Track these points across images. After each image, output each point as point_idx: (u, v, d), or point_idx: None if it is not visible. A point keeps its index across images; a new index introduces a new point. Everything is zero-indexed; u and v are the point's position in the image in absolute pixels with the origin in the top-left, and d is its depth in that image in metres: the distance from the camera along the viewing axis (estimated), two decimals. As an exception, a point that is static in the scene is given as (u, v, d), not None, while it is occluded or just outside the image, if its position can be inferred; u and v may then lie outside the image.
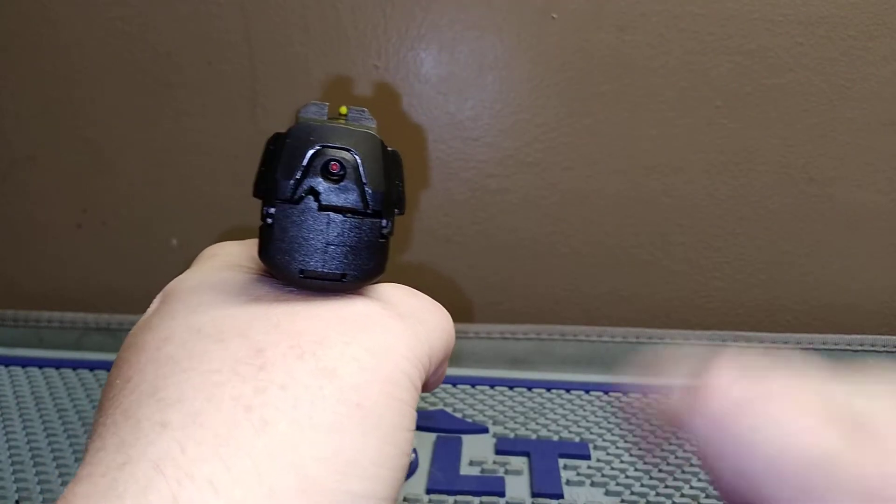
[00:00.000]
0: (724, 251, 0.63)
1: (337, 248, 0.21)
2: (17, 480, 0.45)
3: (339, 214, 0.21)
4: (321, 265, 0.21)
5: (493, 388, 0.55)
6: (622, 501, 0.42)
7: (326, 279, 0.21)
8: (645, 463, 0.45)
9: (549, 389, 0.55)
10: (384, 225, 0.21)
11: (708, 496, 0.42)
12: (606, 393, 0.54)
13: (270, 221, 0.21)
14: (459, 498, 0.43)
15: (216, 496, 0.15)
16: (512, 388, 0.55)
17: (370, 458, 0.18)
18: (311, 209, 0.21)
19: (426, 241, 0.64)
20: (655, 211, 0.62)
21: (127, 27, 0.61)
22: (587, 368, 0.59)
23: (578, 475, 0.45)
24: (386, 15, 0.59)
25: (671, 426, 0.22)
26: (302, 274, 0.21)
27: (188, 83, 0.62)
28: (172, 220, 0.65)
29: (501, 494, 0.43)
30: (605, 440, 0.49)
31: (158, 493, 0.15)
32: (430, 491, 0.43)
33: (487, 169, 0.62)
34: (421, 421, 0.48)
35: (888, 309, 0.63)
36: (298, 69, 0.61)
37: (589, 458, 0.46)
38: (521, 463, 0.46)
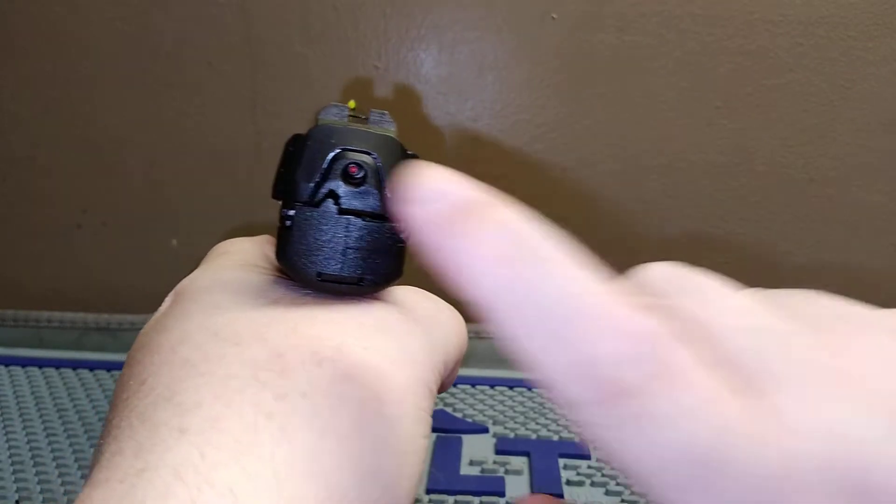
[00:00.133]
0: (724, 251, 0.63)
1: (355, 251, 0.21)
2: (17, 480, 0.45)
3: (358, 218, 0.21)
4: (339, 268, 0.21)
5: (493, 388, 0.55)
6: (622, 501, 0.42)
7: (344, 282, 0.21)
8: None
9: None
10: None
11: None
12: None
13: (289, 224, 0.21)
14: (459, 498, 0.43)
15: None
16: (512, 388, 0.55)
17: (389, 466, 0.18)
18: (330, 212, 0.20)
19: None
20: (655, 211, 0.62)
21: (127, 27, 0.61)
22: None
23: (578, 475, 0.45)
24: (386, 15, 0.59)
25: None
26: (320, 277, 0.21)
27: (188, 83, 0.62)
28: (172, 220, 0.65)
29: (501, 494, 0.43)
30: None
31: (178, 499, 0.15)
32: (430, 491, 0.43)
33: (487, 169, 0.62)
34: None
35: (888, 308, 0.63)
36: (298, 69, 0.61)
37: (589, 458, 0.46)
38: (521, 463, 0.46)
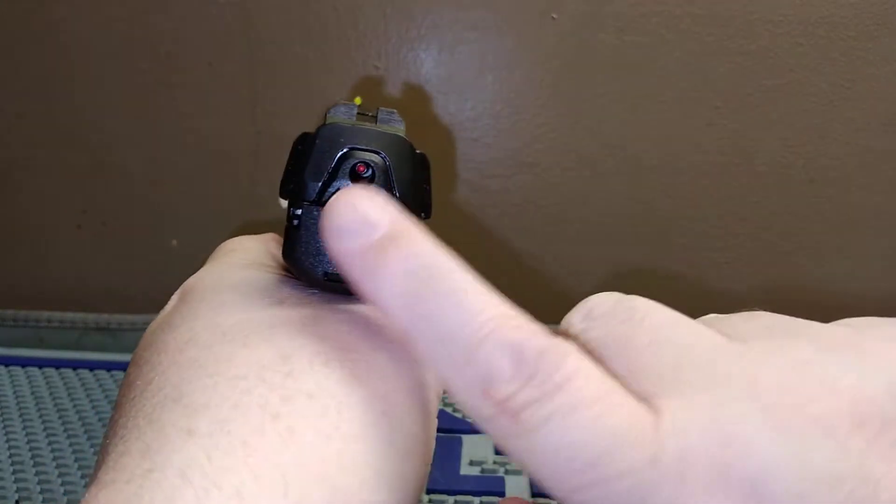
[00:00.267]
0: (724, 251, 0.63)
1: None
2: (17, 480, 0.45)
3: None
4: None
5: (493, 388, 0.55)
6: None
7: None
8: None
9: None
10: None
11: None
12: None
13: (297, 223, 0.20)
14: (459, 498, 0.43)
15: None
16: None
17: (396, 467, 0.17)
18: None
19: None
20: (655, 211, 0.62)
21: (127, 27, 0.61)
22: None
23: (578, 475, 0.45)
24: (386, 16, 0.59)
25: None
26: (326, 276, 0.21)
27: (188, 83, 0.62)
28: (172, 220, 0.65)
29: (501, 494, 0.43)
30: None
31: (185, 501, 0.15)
32: (430, 491, 0.43)
33: (488, 169, 0.62)
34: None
35: (888, 309, 0.63)
36: (298, 69, 0.61)
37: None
38: (521, 463, 0.46)
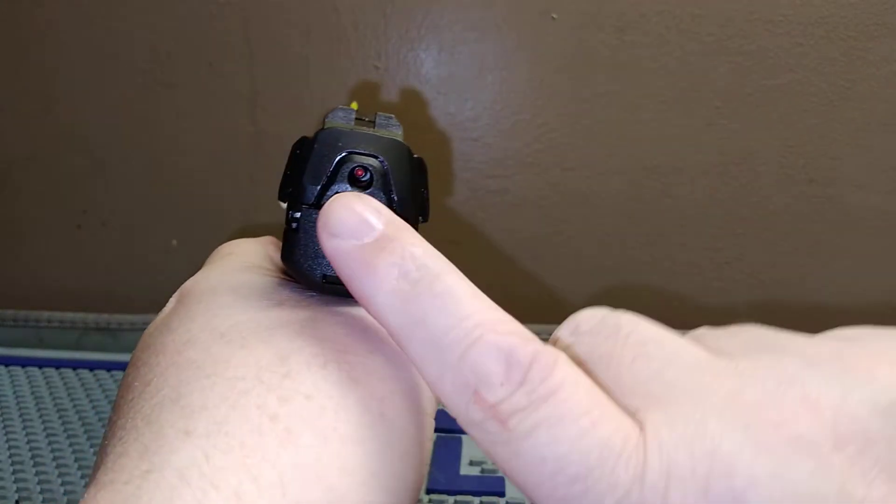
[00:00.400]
0: (724, 251, 0.63)
1: None
2: (17, 480, 0.45)
3: None
4: None
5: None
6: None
7: None
8: None
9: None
10: None
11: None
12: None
13: (295, 226, 0.21)
14: (459, 498, 0.43)
15: None
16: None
17: (393, 469, 0.18)
18: None
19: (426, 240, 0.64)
20: (655, 211, 0.62)
21: (127, 27, 0.61)
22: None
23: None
24: (386, 16, 0.59)
25: None
26: (324, 279, 0.21)
27: (188, 83, 0.62)
28: (172, 220, 0.65)
29: (501, 494, 0.43)
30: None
31: (183, 502, 0.15)
32: (430, 491, 0.43)
33: (487, 169, 0.62)
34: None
35: (888, 309, 0.63)
36: (298, 69, 0.61)
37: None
38: (521, 463, 0.46)
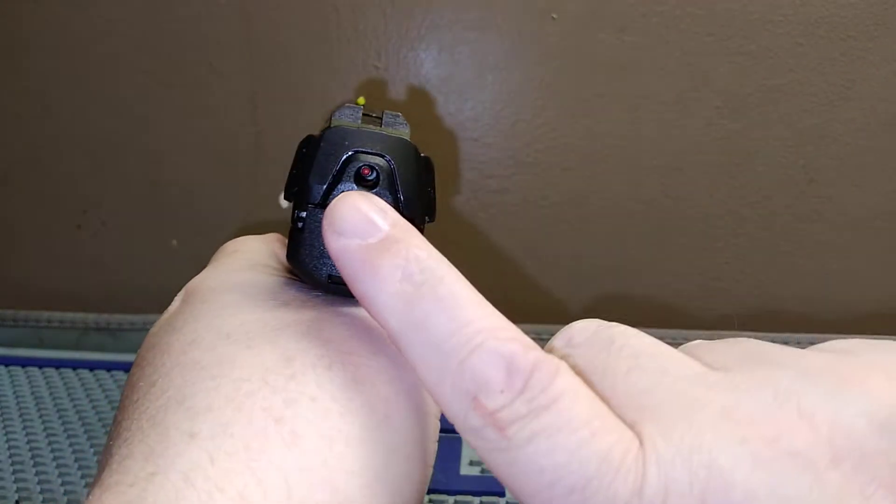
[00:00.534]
0: (724, 251, 0.63)
1: None
2: (17, 481, 0.45)
3: None
4: None
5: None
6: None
7: None
8: None
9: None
10: None
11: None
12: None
13: (301, 226, 0.21)
14: (459, 498, 0.43)
15: None
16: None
17: (398, 470, 0.17)
18: None
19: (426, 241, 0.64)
20: (655, 211, 0.62)
21: (127, 27, 0.61)
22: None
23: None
24: (386, 16, 0.59)
25: None
26: (330, 279, 0.21)
27: (188, 83, 0.62)
28: (172, 220, 0.65)
29: (501, 494, 0.43)
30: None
31: None
32: (430, 491, 0.43)
33: (487, 170, 0.62)
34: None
35: (888, 309, 0.63)
36: (298, 69, 0.61)
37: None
38: (521, 463, 0.46)
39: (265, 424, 0.16)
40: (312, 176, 0.20)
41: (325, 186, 0.20)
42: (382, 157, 0.21)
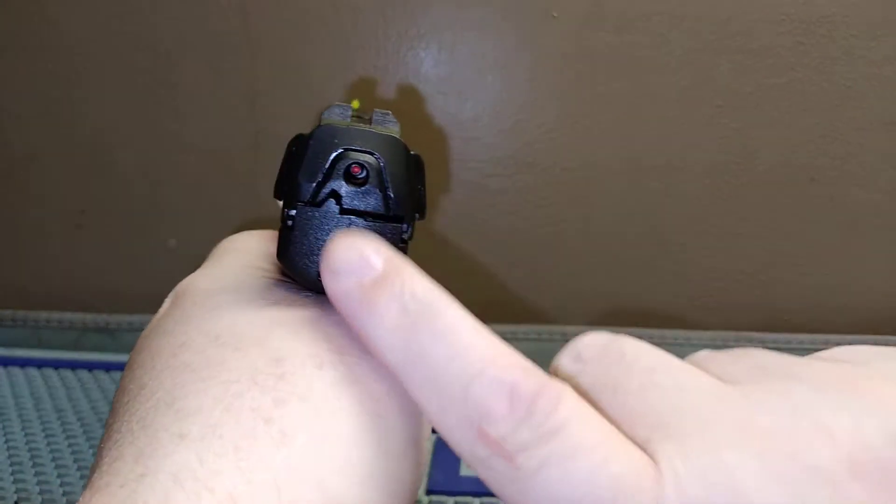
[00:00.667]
0: (724, 251, 0.63)
1: None
2: (16, 481, 0.45)
3: (360, 218, 0.21)
4: None
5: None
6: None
7: None
8: None
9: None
10: (405, 229, 0.21)
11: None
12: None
13: (291, 224, 0.21)
14: (459, 498, 0.43)
15: None
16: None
17: (389, 470, 0.17)
18: (332, 212, 0.20)
19: (426, 241, 0.64)
20: (656, 211, 0.62)
21: (127, 27, 0.61)
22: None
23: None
24: (386, 15, 0.59)
25: None
26: (320, 277, 0.21)
27: (188, 83, 0.62)
28: (172, 220, 0.65)
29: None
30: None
31: None
32: (430, 491, 0.43)
33: (488, 169, 0.62)
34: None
35: (888, 309, 0.63)
36: (298, 69, 0.61)
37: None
38: (521, 463, 0.46)
39: (254, 425, 0.16)
40: (302, 174, 0.20)
41: (314, 184, 0.20)
42: (372, 154, 0.21)
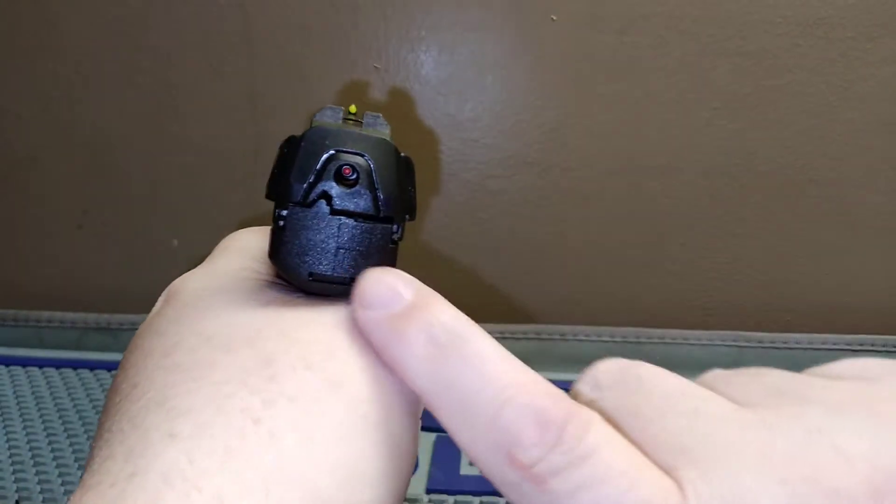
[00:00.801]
0: (724, 252, 0.63)
1: (347, 252, 0.21)
2: (17, 480, 0.45)
3: (350, 219, 0.21)
4: (331, 269, 0.21)
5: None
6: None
7: (335, 283, 0.21)
8: None
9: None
10: (395, 230, 0.21)
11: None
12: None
13: (282, 224, 0.21)
14: (459, 498, 0.43)
15: None
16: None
17: (376, 469, 0.18)
18: (323, 213, 0.21)
19: (426, 241, 0.64)
20: (655, 211, 0.62)
21: (127, 27, 0.61)
22: (587, 368, 0.59)
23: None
24: (386, 16, 0.59)
25: None
26: (311, 277, 0.21)
27: (188, 83, 0.62)
28: (172, 220, 0.65)
29: (501, 494, 0.43)
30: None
31: None
32: (430, 491, 0.43)
33: (487, 170, 0.62)
34: (421, 421, 0.48)
35: (888, 309, 0.63)
36: (298, 69, 0.61)
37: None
38: (521, 463, 0.46)
39: (243, 425, 0.17)
40: (293, 175, 0.21)
41: (305, 185, 0.21)
42: (362, 156, 0.21)
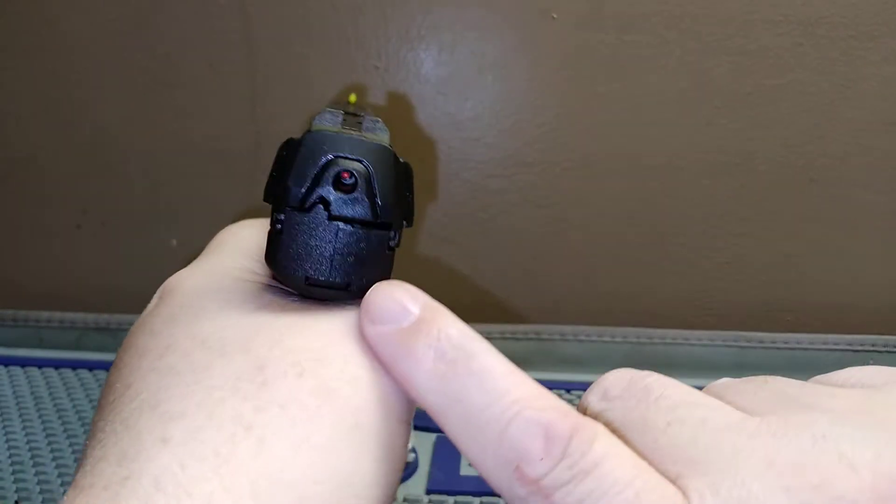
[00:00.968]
0: (724, 251, 0.63)
1: (344, 257, 0.21)
2: (16, 481, 0.45)
3: (348, 225, 0.21)
4: (327, 274, 0.21)
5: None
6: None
7: (331, 288, 0.21)
8: None
9: (549, 389, 0.55)
10: (392, 237, 0.21)
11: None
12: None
13: (279, 227, 0.21)
14: (459, 498, 0.43)
15: None
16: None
17: (365, 477, 0.18)
18: (320, 218, 0.21)
19: (426, 241, 0.64)
20: (655, 211, 0.62)
21: (127, 27, 0.61)
22: (587, 368, 0.59)
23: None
24: (386, 15, 0.59)
25: None
26: (307, 281, 0.21)
27: (188, 83, 0.62)
28: (172, 220, 0.65)
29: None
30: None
31: None
32: (430, 491, 0.43)
33: (487, 169, 0.62)
34: (421, 421, 0.48)
35: (888, 309, 0.63)
36: (298, 69, 0.61)
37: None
38: (521, 463, 0.46)
39: (234, 431, 0.17)
40: (291, 179, 0.21)
41: (303, 190, 0.21)
42: (361, 162, 0.21)
